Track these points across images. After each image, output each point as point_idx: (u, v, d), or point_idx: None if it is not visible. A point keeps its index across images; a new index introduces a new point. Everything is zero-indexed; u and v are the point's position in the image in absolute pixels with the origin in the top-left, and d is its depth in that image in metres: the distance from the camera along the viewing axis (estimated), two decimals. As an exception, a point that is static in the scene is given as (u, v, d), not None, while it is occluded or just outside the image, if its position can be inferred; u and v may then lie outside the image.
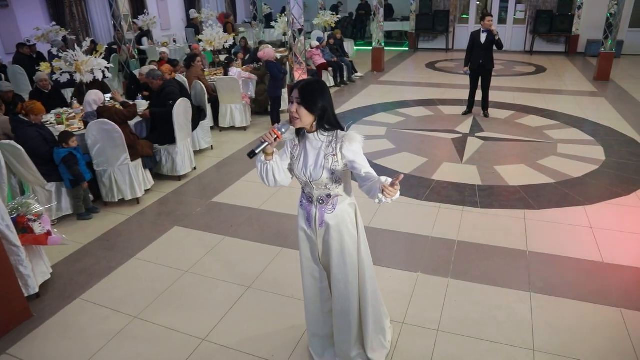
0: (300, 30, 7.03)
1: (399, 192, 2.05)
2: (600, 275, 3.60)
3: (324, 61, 9.84)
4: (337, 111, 8.32)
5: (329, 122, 2.24)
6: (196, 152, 6.04)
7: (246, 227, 4.39)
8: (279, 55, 8.53)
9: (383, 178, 2.05)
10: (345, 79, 10.73)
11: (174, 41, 12.22)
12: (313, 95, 2.17)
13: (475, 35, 7.35)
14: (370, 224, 4.38)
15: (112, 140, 4.61)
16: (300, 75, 7.02)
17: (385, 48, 12.23)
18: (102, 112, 4.81)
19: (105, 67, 5.79)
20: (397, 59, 14.48)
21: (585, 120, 7.57)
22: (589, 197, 4.85)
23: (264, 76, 7.86)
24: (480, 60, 7.39)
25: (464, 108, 8.24)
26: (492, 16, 7.28)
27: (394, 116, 8.07)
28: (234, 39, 10.19)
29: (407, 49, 16.40)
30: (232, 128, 7.33)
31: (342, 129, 2.28)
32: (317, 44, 9.87)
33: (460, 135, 7.01)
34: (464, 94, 9.41)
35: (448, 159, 6.03)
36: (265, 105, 8.15)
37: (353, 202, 2.42)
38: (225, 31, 9.44)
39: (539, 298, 3.33)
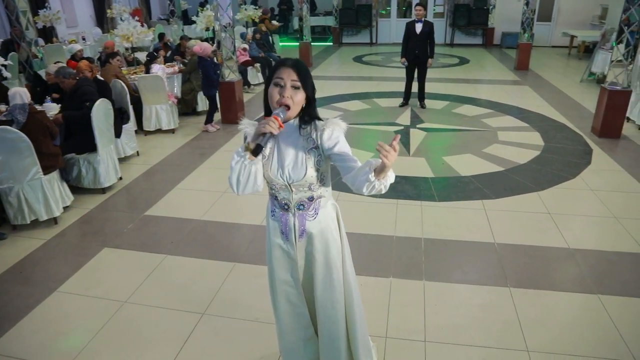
0: (228, 25, 6.50)
1: (393, 174, 1.74)
2: (570, 261, 3.52)
3: (248, 58, 9.33)
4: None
5: (313, 110, 1.86)
6: (121, 160, 5.32)
7: (190, 242, 3.85)
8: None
9: (373, 160, 1.70)
10: (274, 75, 10.29)
11: (83, 39, 11.05)
12: (308, 76, 1.79)
13: (410, 26, 7.25)
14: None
15: (18, 152, 3.85)
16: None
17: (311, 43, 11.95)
18: (35, 113, 4.04)
19: (2, 65, 4.90)
20: (323, 53, 14.27)
21: (517, 108, 7.76)
22: (540, 183, 4.85)
23: (192, 73, 7.22)
24: (416, 51, 7.30)
25: (400, 100, 8.14)
26: (423, 6, 7.21)
27: (331, 111, 7.78)
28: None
29: (331, 43, 16.27)
30: (159, 131, 6.62)
31: (320, 119, 1.90)
32: (245, 45, 9.35)
33: (402, 127, 6.87)
34: (398, 86, 9.37)
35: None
36: (192, 105, 7.51)
37: (334, 204, 2.04)
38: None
39: (518, 293, 3.16)
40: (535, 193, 4.64)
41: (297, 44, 12.03)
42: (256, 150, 1.68)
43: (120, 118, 5.35)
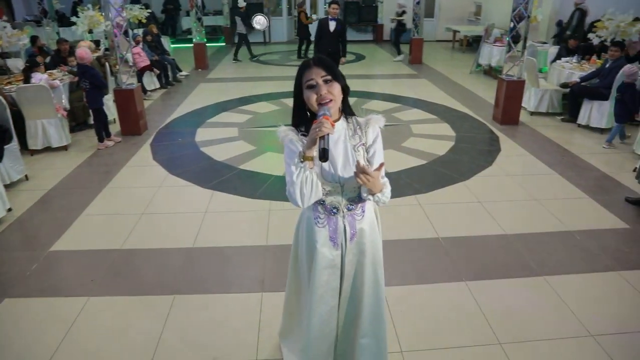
0: (121, 25, 5.84)
1: (387, 188, 1.79)
2: (511, 248, 3.64)
3: (147, 62, 8.57)
4: (174, 116, 7.30)
5: (347, 103, 1.83)
6: (6, 187, 4.47)
7: (114, 278, 3.31)
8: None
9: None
10: (170, 79, 9.60)
11: None
12: (335, 67, 1.74)
13: (323, 24, 7.13)
14: (253, 240, 3.74)
15: None
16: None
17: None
18: None
19: None
20: (217, 54, 13.71)
21: (421, 101, 8.06)
22: (463, 173, 5.02)
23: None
24: (329, 49, 7.22)
25: (307, 99, 7.99)
26: (337, 4, 7.14)
27: (240, 114, 7.42)
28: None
29: (223, 44, 15.70)
30: (48, 149, 5.73)
31: (354, 113, 1.88)
32: (139, 49, 8.55)
33: (318, 127, 6.74)
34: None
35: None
36: (84, 117, 6.65)
37: (373, 202, 1.90)
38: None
39: (475, 286, 3.18)
40: (461, 183, 4.78)
41: (190, 45, 11.37)
42: (324, 155, 1.61)
43: (0, 137, 4.50)
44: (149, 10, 11.19)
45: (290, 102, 7.10)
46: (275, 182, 4.83)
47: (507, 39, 6.41)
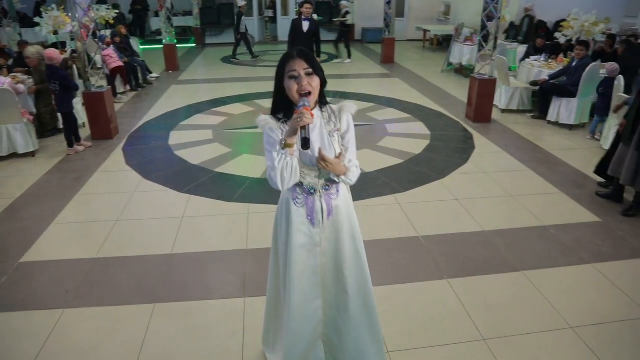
0: (88, 26, 5.67)
1: (352, 174, 1.95)
2: (489, 244, 3.70)
3: (120, 63, 8.35)
4: (146, 119, 7.14)
5: (323, 94, 1.95)
6: (-30, 197, 4.29)
7: (91, 288, 3.20)
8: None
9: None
10: (140, 81, 9.39)
11: None
12: (315, 61, 1.86)
13: (297, 23, 7.10)
14: (243, 243, 3.69)
15: None
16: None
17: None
18: None
19: None
20: (188, 56, 13.49)
21: (395, 100, 8.12)
22: (439, 171, 5.08)
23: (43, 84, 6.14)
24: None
25: (283, 100, 7.95)
26: (311, 4, 7.10)
27: (214, 116, 7.32)
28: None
29: (194, 45, 15.47)
30: (14, 156, 5.51)
31: (328, 102, 2.01)
32: (110, 50, 8.33)
33: (293, 127, 6.70)
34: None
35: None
36: (53, 123, 6.39)
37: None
38: None
39: (456, 283, 3.21)
40: (438, 181, 4.84)
41: (160, 46, 11.16)
42: (306, 144, 1.75)
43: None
44: (117, 11, 10.90)
45: (264, 103, 7.07)
46: (252, 185, 4.78)
47: (478, 38, 6.52)
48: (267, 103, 7.95)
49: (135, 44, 10.63)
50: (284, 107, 1.92)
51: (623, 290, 3.14)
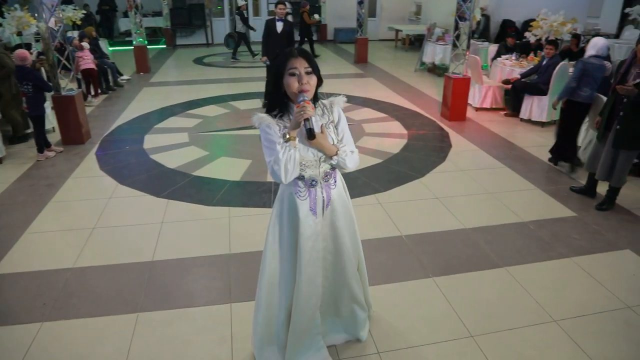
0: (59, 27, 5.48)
1: (345, 156, 2.07)
2: (471, 241, 3.75)
3: (92, 65, 8.11)
4: (118, 122, 6.96)
5: (317, 92, 2.08)
6: None
7: (69, 300, 3.09)
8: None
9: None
10: (111, 84, 9.16)
11: None
12: (314, 61, 2.00)
13: (270, 24, 7.03)
14: (227, 248, 3.64)
15: None
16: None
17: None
18: None
19: None
20: (158, 57, 13.24)
21: (370, 99, 8.16)
22: (418, 170, 5.12)
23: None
24: (277, 50, 7.09)
25: (256, 101, 7.94)
26: (284, 4, 7.05)
27: (189, 119, 7.20)
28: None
29: (164, 46, 15.20)
30: (-20, 163, 5.31)
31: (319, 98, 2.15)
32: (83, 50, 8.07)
33: (271, 129, 6.65)
34: (251, 87, 9.18)
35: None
36: (24, 127, 6.10)
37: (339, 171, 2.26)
38: None
39: (441, 281, 3.24)
40: (417, 180, 4.88)
41: (129, 47, 10.90)
42: (311, 134, 1.90)
43: None
44: (84, 11, 10.60)
45: (239, 104, 6.98)
46: (232, 188, 4.72)
47: (452, 38, 6.62)
48: (242, 104, 7.96)
49: (105, 45, 10.35)
50: (279, 103, 2.02)
51: (601, 282, 3.24)
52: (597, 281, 3.26)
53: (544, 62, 6.58)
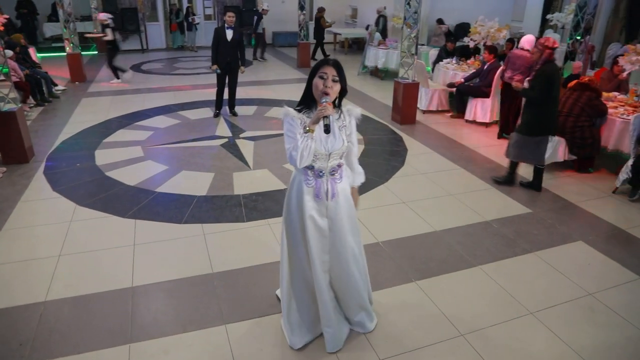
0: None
1: (359, 175, 2.71)
2: (444, 243, 3.97)
3: (17, 78, 7.55)
4: (62, 137, 6.56)
5: (340, 100, 2.49)
6: None
7: (50, 337, 2.90)
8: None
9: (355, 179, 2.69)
10: (46, 95, 8.59)
11: None
12: (343, 73, 2.38)
13: (220, 32, 6.92)
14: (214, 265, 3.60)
15: None
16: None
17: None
18: None
19: None
20: (91, 64, 12.54)
21: (322, 105, 8.26)
22: (381, 175, 5.30)
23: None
24: (228, 59, 7.04)
25: (206, 110, 7.80)
26: (233, 12, 6.96)
27: (139, 131, 6.93)
28: None
29: (96, 52, 14.43)
30: None
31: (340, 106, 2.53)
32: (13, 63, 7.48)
33: (226, 139, 6.58)
34: (197, 96, 9.02)
35: (235, 168, 5.55)
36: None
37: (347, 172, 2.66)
38: None
39: (424, 284, 3.41)
40: (382, 186, 5.06)
41: (57, 54, 10.20)
42: (328, 129, 2.26)
43: None
44: (7, 16, 9.83)
45: (188, 114, 6.86)
46: (200, 203, 4.63)
47: (399, 43, 6.88)
48: (192, 114, 7.80)
49: (34, 53, 9.67)
50: (307, 101, 2.41)
51: (563, 273, 3.56)
52: (560, 272, 3.57)
53: (485, 67, 7.02)
